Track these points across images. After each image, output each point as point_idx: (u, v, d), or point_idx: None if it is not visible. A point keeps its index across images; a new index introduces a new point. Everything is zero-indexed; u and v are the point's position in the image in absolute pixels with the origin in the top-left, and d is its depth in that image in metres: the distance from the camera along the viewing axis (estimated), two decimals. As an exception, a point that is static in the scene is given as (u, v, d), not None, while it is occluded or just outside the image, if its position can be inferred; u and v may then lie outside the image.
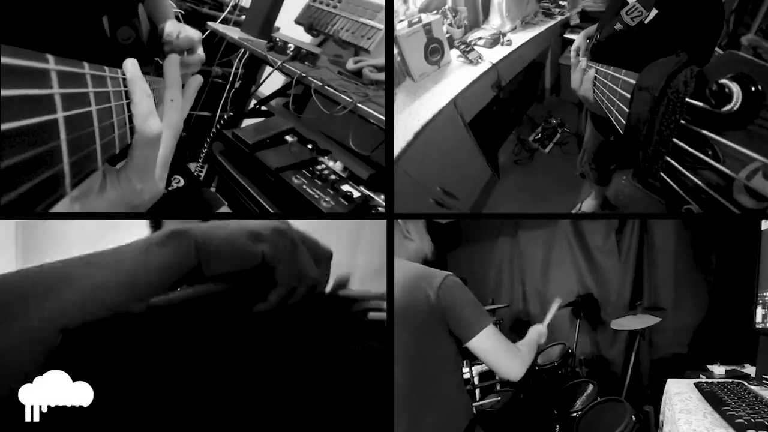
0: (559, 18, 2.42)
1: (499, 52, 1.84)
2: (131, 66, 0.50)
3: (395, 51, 1.61)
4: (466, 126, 1.69)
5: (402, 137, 1.42)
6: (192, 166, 1.85)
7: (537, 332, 1.13)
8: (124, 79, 0.49)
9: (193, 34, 1.09)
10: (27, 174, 0.28)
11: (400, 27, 1.62)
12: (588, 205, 1.85)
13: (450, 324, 0.94)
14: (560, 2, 2.53)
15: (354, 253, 1.31)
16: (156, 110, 0.51)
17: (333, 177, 1.52)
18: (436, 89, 1.62)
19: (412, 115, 1.50)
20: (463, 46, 1.81)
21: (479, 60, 1.76)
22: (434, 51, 1.67)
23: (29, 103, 0.28)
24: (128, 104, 0.49)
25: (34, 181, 0.29)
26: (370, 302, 0.57)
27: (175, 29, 1.06)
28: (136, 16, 0.92)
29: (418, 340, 0.95)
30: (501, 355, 0.96)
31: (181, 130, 0.56)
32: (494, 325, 0.98)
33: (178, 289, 0.47)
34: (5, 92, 0.25)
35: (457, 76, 1.70)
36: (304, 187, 1.45)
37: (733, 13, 1.44)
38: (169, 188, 1.38)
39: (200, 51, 1.10)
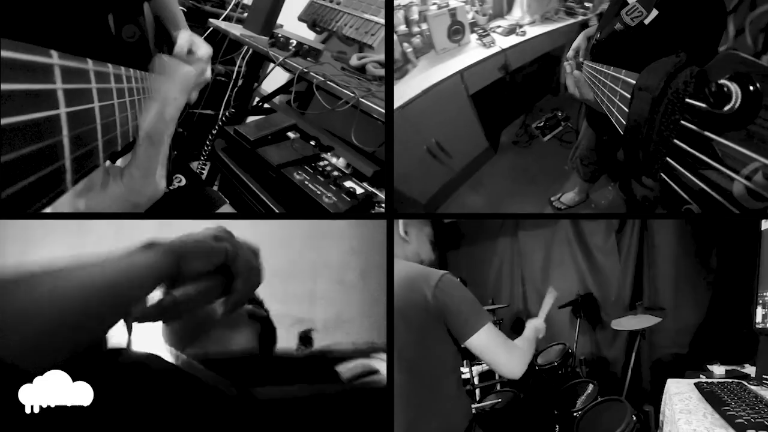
0: (580, 18, 2.46)
1: (511, 40, 2.06)
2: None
3: (424, 27, 1.93)
4: (469, 97, 1.96)
5: (412, 91, 1.69)
6: (195, 164, 1.85)
7: (534, 328, 1.11)
8: (128, 77, 0.49)
9: (203, 53, 1.09)
10: (29, 169, 0.28)
11: (431, 8, 1.94)
12: (568, 198, 1.91)
13: (448, 323, 0.94)
14: (585, 3, 2.57)
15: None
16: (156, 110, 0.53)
17: (336, 173, 1.49)
18: (451, 62, 1.92)
19: (427, 77, 1.80)
20: (480, 31, 2.06)
21: (492, 44, 2.00)
22: (456, 32, 1.96)
23: (32, 98, 0.28)
24: (131, 101, 0.49)
25: (36, 176, 0.29)
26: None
27: (186, 44, 1.06)
28: (141, 15, 0.93)
29: (417, 339, 0.94)
30: (500, 353, 0.95)
31: (173, 129, 0.57)
32: (493, 323, 0.97)
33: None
34: (9, 86, 0.25)
35: (471, 55, 1.96)
36: (306, 183, 1.44)
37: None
38: (171, 187, 1.38)
39: (207, 71, 1.09)
